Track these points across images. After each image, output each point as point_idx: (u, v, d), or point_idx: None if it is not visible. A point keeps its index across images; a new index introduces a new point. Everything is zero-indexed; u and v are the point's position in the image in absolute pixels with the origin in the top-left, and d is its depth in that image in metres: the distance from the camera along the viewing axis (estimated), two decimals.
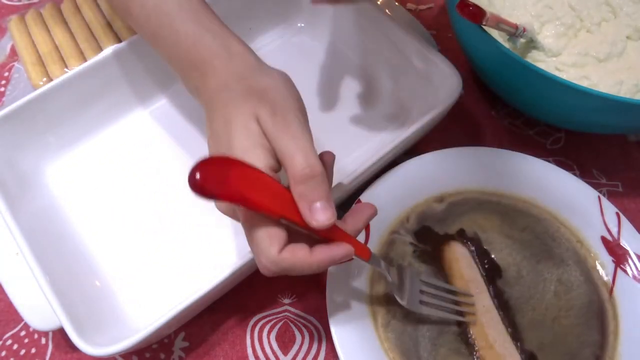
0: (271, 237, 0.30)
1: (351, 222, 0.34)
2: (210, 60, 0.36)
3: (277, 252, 0.30)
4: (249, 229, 0.31)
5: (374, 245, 0.43)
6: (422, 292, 0.39)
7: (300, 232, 0.32)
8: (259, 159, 0.30)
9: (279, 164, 0.32)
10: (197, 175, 0.26)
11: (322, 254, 0.31)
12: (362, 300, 0.41)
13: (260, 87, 0.34)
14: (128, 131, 0.52)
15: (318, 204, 0.30)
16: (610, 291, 0.42)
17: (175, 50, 0.38)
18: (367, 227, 0.43)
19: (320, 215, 0.30)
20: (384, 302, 0.41)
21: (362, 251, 0.34)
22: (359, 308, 0.40)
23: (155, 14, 0.38)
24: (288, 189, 0.31)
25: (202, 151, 0.50)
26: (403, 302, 0.38)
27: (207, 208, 0.47)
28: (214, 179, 0.27)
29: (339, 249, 0.31)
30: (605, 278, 0.42)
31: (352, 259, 0.33)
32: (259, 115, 0.32)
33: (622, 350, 0.39)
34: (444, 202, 0.46)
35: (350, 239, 0.33)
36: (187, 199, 0.48)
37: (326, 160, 0.35)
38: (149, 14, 0.39)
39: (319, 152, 0.50)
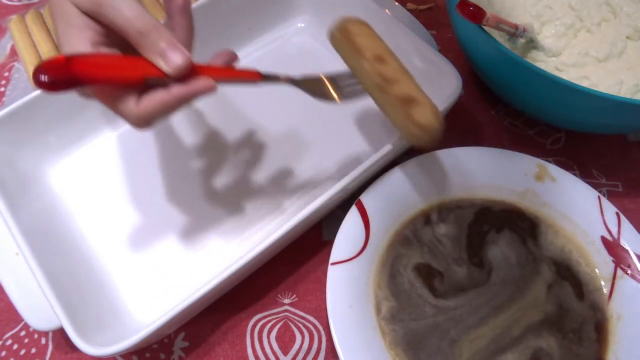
0: (125, 98, 0.31)
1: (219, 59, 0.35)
2: None
3: (135, 105, 0.31)
4: (107, 103, 0.32)
5: (375, 247, 0.43)
6: (344, 85, 0.41)
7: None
8: (78, 37, 0.31)
9: (107, 38, 0.32)
10: (43, 78, 0.29)
11: (181, 89, 0.31)
12: (363, 300, 0.41)
13: None
14: (127, 132, 0.52)
15: (166, 50, 0.31)
16: (611, 291, 0.42)
17: None
18: (367, 228, 0.43)
19: (172, 58, 0.31)
20: (386, 301, 0.41)
21: (247, 74, 0.35)
22: (360, 308, 0.40)
23: None
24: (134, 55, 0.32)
25: (203, 152, 0.51)
26: (340, 100, 0.40)
27: (206, 208, 0.48)
28: (58, 74, 0.29)
29: (198, 82, 0.32)
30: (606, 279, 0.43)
31: (216, 88, 0.33)
32: None
33: (621, 351, 0.39)
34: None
35: (228, 71, 0.34)
36: (186, 199, 0.48)
37: (179, 4, 0.34)
38: None
39: (321, 153, 0.51)
